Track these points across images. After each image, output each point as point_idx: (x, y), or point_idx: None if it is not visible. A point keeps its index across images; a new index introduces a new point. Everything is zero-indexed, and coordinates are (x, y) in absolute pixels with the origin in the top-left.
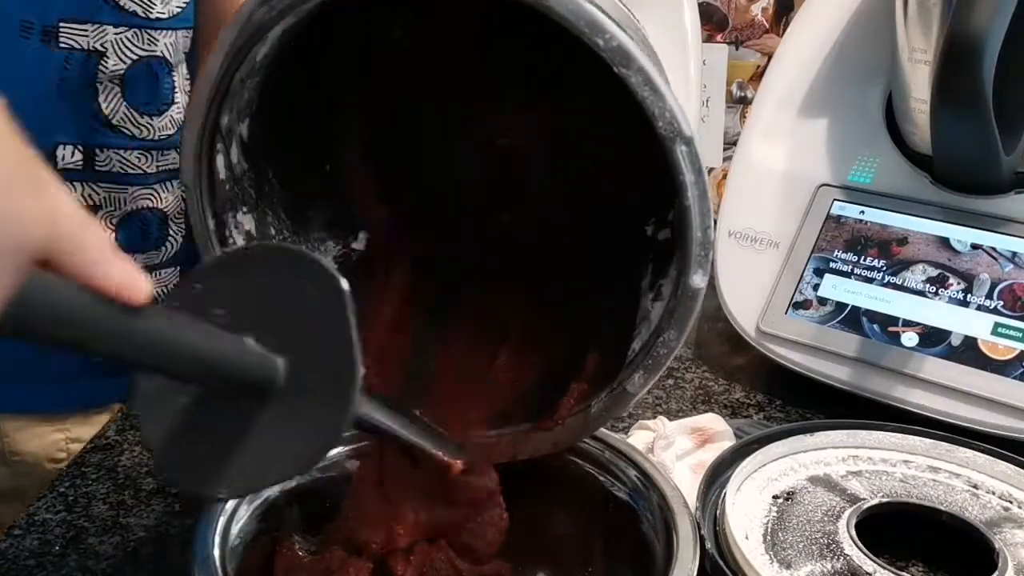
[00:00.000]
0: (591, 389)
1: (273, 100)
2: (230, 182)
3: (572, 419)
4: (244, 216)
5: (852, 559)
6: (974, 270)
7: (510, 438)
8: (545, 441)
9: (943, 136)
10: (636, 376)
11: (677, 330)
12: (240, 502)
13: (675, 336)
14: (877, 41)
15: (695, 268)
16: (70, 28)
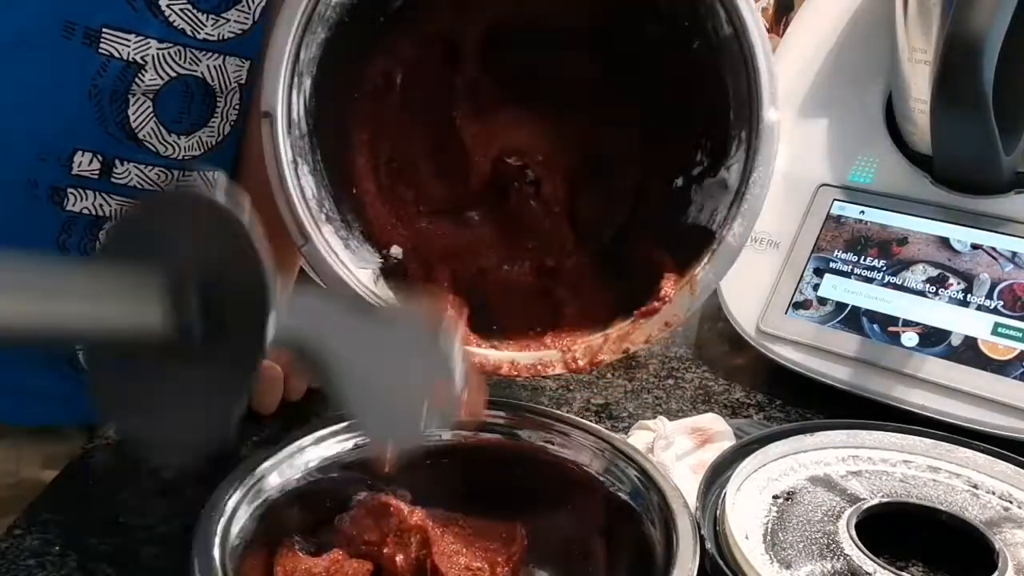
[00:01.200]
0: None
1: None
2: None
3: (678, 295)
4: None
5: (852, 559)
6: (974, 270)
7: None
8: (655, 325)
9: (943, 136)
10: (735, 226)
11: (764, 167)
12: (240, 502)
13: (763, 174)
14: (877, 41)
15: (768, 105)
16: (113, 35)
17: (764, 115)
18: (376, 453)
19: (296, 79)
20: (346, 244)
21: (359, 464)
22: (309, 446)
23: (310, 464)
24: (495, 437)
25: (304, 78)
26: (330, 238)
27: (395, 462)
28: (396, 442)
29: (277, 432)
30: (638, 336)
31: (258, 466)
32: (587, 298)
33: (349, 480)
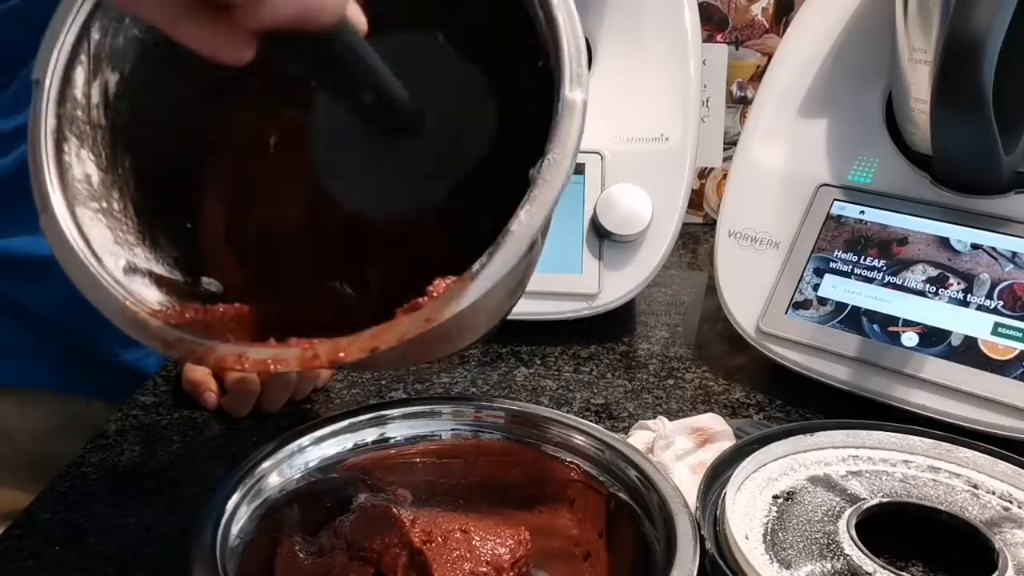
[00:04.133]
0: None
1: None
2: (83, 112)
3: (451, 286)
4: (88, 159)
5: (852, 559)
6: (974, 270)
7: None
8: (415, 322)
9: (943, 136)
10: (522, 213)
11: (560, 148)
12: (240, 502)
13: (559, 155)
14: (877, 41)
15: (574, 84)
16: None
17: (566, 93)
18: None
19: (88, 62)
20: (120, 244)
21: (359, 465)
22: (309, 446)
23: (310, 464)
24: (495, 437)
25: (105, 68)
26: (89, 222)
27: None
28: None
29: (277, 432)
30: (391, 335)
31: (258, 466)
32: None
33: (349, 480)
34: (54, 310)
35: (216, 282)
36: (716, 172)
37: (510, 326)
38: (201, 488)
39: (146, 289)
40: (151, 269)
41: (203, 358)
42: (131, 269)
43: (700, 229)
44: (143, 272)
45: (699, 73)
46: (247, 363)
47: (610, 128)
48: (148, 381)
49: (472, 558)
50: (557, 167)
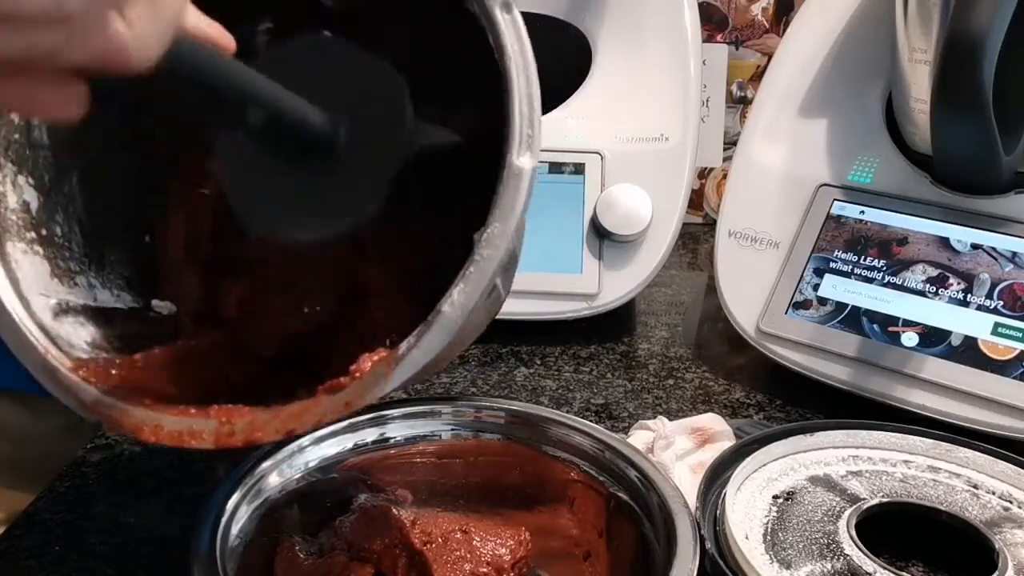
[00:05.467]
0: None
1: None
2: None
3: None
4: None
5: (852, 559)
6: (974, 270)
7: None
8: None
9: (943, 136)
10: (455, 292)
11: (501, 223)
12: (240, 502)
13: (499, 231)
14: (877, 41)
15: (522, 148)
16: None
17: (513, 159)
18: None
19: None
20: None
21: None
22: (309, 446)
23: (310, 464)
24: (495, 438)
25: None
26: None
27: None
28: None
29: None
30: (310, 416)
31: (258, 466)
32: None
33: (349, 480)
34: None
35: (169, 304)
36: (716, 172)
37: (510, 326)
38: (201, 488)
39: (78, 329)
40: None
41: (119, 424)
42: (62, 310)
43: (700, 229)
44: (76, 310)
45: (699, 73)
46: (162, 434)
47: (610, 128)
48: None
49: (472, 558)
50: (495, 243)
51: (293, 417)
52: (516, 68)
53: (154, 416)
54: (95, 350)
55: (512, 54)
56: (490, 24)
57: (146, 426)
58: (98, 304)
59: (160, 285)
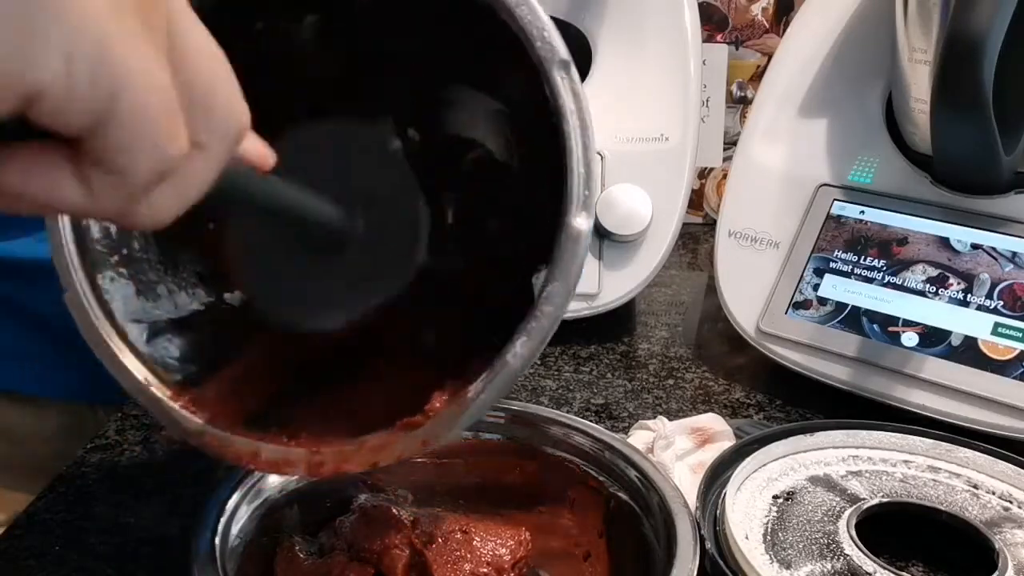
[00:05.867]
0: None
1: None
2: None
3: (446, 411)
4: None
5: (852, 559)
6: (974, 270)
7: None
8: (413, 441)
9: (943, 136)
10: (518, 344)
11: (561, 282)
12: (240, 502)
13: (559, 291)
14: (877, 41)
15: (578, 209)
16: None
17: (571, 220)
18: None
19: None
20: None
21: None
22: None
23: None
24: (495, 438)
25: None
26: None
27: None
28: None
29: None
30: (392, 451)
31: None
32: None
33: (349, 480)
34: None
35: (239, 294)
36: (716, 172)
37: None
38: (201, 488)
39: (168, 347)
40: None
41: (222, 453)
42: (152, 333)
43: (700, 229)
44: (163, 327)
45: (699, 73)
46: (260, 462)
47: (610, 128)
48: None
49: (472, 558)
50: (556, 301)
51: (376, 450)
52: (573, 130)
53: (253, 445)
54: (185, 364)
55: (570, 116)
56: (549, 85)
57: (245, 454)
58: (179, 312)
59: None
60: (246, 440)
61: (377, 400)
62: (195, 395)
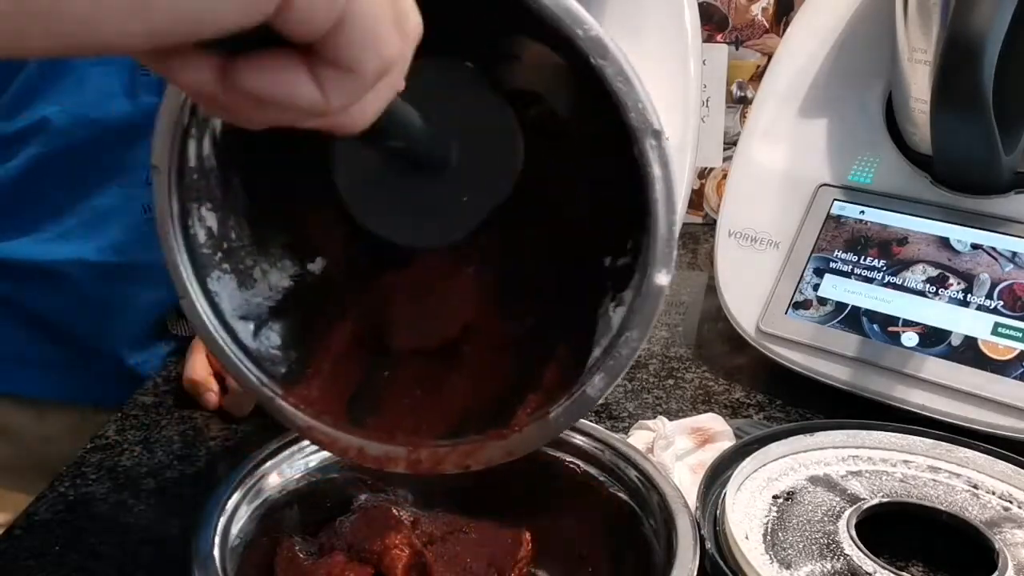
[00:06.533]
0: (549, 399)
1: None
2: (198, 173)
3: (529, 427)
4: (208, 212)
5: (852, 559)
6: (974, 270)
7: (463, 448)
8: (500, 450)
9: (943, 136)
10: (596, 379)
11: (640, 330)
12: (240, 502)
13: (637, 336)
14: (877, 41)
15: (660, 266)
16: None
17: (653, 276)
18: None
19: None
20: (242, 281)
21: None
22: (309, 446)
23: (310, 464)
24: None
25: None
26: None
27: None
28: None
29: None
30: (481, 456)
31: (258, 466)
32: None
33: (349, 481)
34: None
35: (320, 261)
36: (716, 172)
37: None
38: (201, 488)
39: (271, 337)
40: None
41: (330, 447)
42: (257, 326)
43: (700, 229)
44: (263, 318)
45: (699, 73)
46: (366, 457)
47: None
48: (148, 381)
49: (472, 559)
50: (632, 345)
51: (467, 455)
52: (660, 196)
53: (359, 442)
54: (286, 351)
55: (657, 183)
56: (640, 153)
57: (352, 450)
58: (273, 293)
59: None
60: (352, 438)
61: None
62: (301, 391)
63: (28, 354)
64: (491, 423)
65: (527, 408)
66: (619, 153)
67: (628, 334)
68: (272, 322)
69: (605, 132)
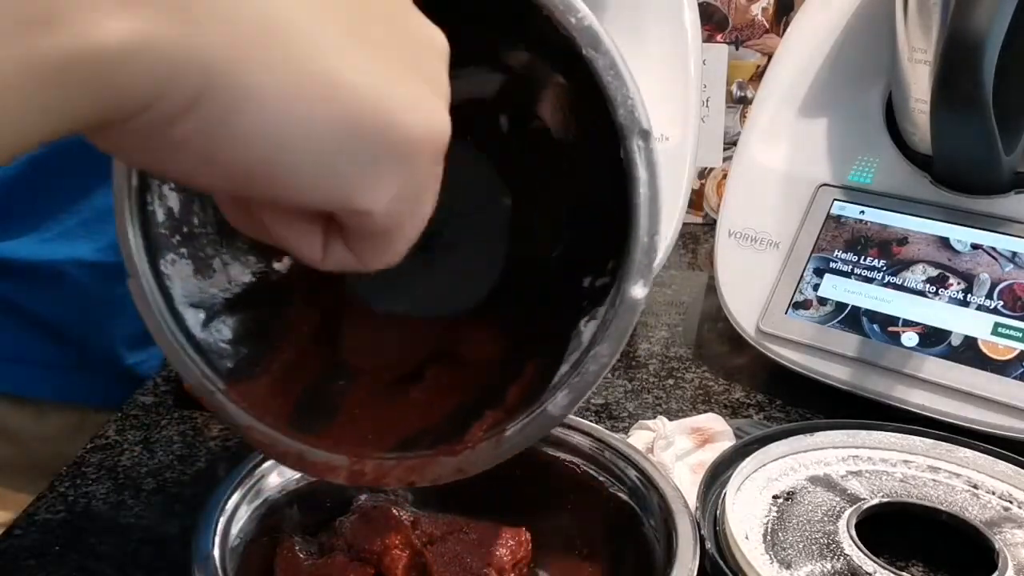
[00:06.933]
0: (508, 414)
1: None
2: None
3: (483, 444)
4: (170, 192)
5: (852, 559)
6: (974, 270)
7: (410, 463)
8: (449, 467)
9: (943, 136)
10: (560, 396)
11: (610, 345)
12: (240, 502)
13: (607, 352)
14: (877, 41)
15: (636, 277)
16: None
17: (629, 288)
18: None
19: None
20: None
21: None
22: None
23: None
24: None
25: None
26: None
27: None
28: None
29: None
30: (429, 472)
31: (258, 466)
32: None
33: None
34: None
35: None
36: (716, 172)
37: None
38: (201, 488)
39: (222, 330)
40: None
41: (268, 451)
42: (208, 316)
43: (700, 229)
44: (216, 309)
45: (699, 73)
46: (306, 464)
47: None
48: (148, 381)
49: (472, 559)
50: (602, 361)
51: (413, 470)
52: (644, 200)
53: (298, 447)
54: (236, 346)
55: (641, 186)
56: (625, 152)
57: (291, 455)
58: (231, 286)
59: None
60: (292, 442)
61: (415, 413)
62: (246, 389)
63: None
64: (444, 438)
65: (483, 424)
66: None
67: (597, 349)
68: (225, 316)
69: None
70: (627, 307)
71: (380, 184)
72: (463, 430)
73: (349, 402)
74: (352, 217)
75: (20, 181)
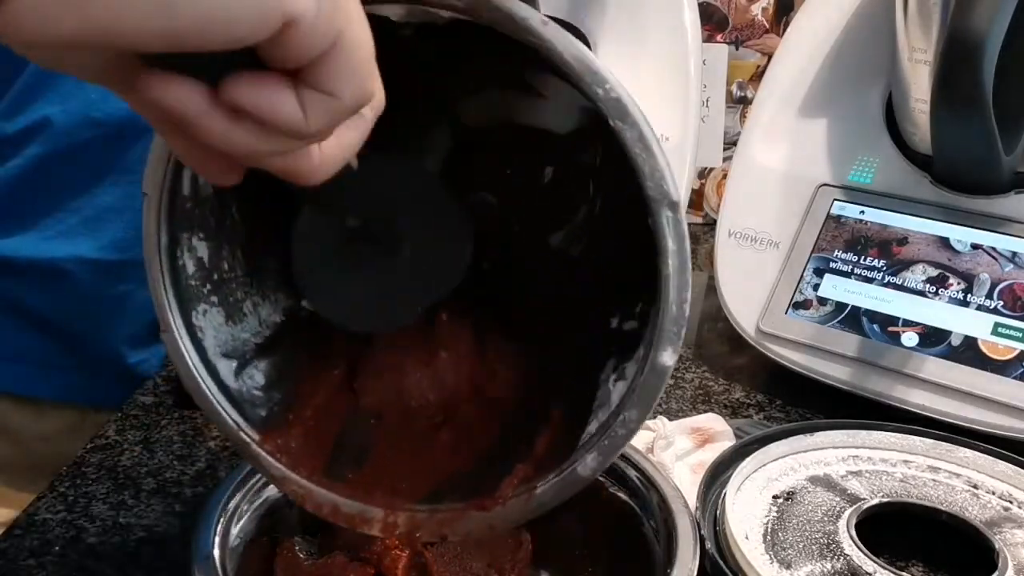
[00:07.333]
0: (538, 471)
1: None
2: (192, 201)
3: (513, 500)
4: (200, 242)
5: (852, 559)
6: (974, 270)
7: (441, 516)
8: (480, 522)
9: (943, 136)
10: (589, 458)
11: (639, 410)
12: (240, 502)
13: (636, 417)
14: (877, 41)
15: (666, 345)
16: None
17: (658, 355)
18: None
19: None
20: (231, 315)
21: None
22: None
23: None
24: None
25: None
26: (203, 319)
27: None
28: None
29: None
30: (461, 527)
31: None
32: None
33: None
34: (59, 312)
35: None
36: (716, 172)
37: None
38: (201, 488)
39: (255, 376)
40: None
41: (303, 502)
42: (241, 365)
43: (700, 229)
44: (248, 356)
45: (699, 73)
46: (340, 515)
47: None
48: (148, 381)
49: (472, 559)
50: (631, 427)
51: (445, 523)
52: (673, 271)
53: (333, 499)
54: (269, 392)
55: (670, 256)
56: (654, 224)
57: (326, 507)
58: (262, 328)
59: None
60: (327, 494)
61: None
62: (280, 439)
63: (28, 353)
64: (474, 489)
65: (513, 479)
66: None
67: (626, 414)
68: (257, 360)
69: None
70: (657, 373)
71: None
72: (493, 482)
73: (379, 446)
74: (292, 38)
75: (21, 180)
